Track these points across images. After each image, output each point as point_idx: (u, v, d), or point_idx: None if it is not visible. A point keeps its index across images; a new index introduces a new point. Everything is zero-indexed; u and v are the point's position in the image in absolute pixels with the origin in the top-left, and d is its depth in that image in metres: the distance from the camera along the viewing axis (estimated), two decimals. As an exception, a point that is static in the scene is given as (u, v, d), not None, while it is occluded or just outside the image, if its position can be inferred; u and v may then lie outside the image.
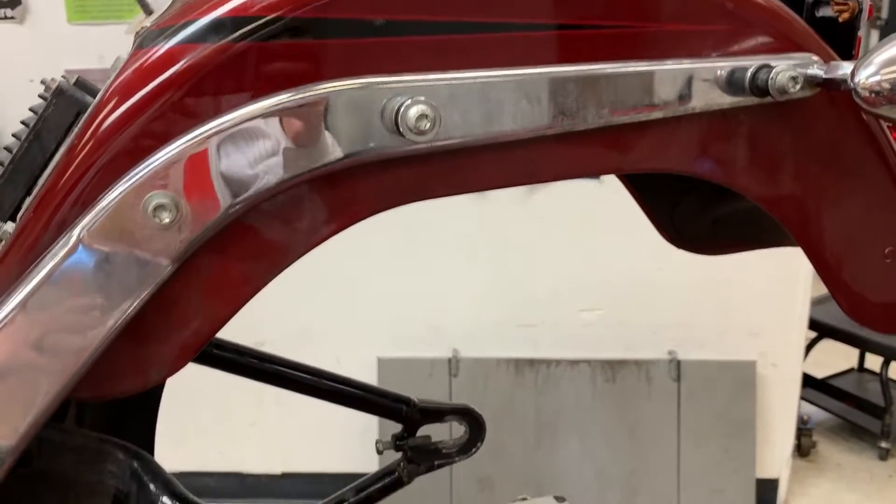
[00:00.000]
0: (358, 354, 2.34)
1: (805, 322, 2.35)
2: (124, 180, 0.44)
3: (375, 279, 2.35)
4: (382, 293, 2.33)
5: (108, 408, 0.76)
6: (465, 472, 2.29)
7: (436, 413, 0.95)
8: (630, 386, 2.31)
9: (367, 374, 2.35)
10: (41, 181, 0.52)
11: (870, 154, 0.62)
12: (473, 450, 0.96)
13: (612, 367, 2.32)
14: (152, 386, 0.55)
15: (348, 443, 2.38)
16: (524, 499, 1.69)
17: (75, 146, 0.46)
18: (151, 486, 0.54)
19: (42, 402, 0.46)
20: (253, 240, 0.49)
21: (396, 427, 0.95)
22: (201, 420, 2.41)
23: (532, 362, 2.34)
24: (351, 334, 2.37)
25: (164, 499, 0.55)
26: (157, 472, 0.55)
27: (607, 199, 2.27)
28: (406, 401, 0.94)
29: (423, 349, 2.36)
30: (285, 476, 2.46)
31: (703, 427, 2.31)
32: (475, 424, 0.97)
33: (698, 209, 0.81)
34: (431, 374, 2.35)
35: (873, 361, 2.92)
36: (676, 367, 2.30)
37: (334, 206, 0.50)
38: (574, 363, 2.33)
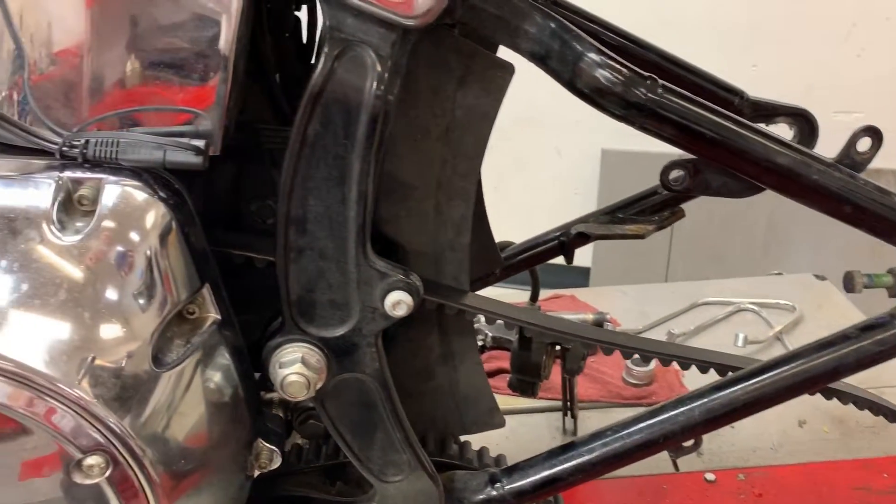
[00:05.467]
0: (579, 145, 2.27)
1: None
2: None
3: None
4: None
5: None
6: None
7: (769, 109, 0.87)
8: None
9: (590, 165, 2.29)
10: None
11: None
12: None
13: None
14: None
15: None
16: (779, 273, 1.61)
17: None
18: (576, 45, 0.50)
19: None
20: None
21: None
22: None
23: (769, 165, 2.17)
24: (572, 124, 2.29)
25: (590, 55, 0.51)
26: (579, 34, 0.51)
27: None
28: (739, 93, 0.86)
29: (648, 142, 2.23)
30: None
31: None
32: (808, 128, 0.88)
33: None
34: (655, 168, 2.24)
35: None
36: (941, 181, 2.06)
37: None
38: (818, 169, 2.13)
